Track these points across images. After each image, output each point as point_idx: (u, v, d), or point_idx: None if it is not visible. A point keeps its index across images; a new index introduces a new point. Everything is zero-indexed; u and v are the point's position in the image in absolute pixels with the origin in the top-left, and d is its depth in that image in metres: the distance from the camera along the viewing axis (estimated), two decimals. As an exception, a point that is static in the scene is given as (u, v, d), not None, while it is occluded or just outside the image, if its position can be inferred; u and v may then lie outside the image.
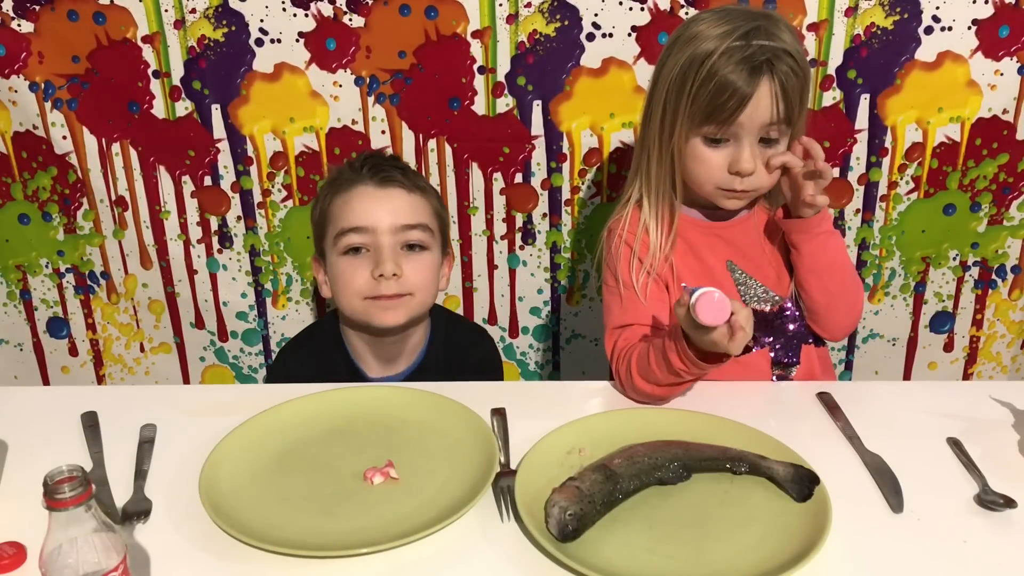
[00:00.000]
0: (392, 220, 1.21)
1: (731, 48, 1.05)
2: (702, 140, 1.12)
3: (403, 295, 1.22)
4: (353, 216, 1.22)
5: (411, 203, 1.24)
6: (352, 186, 1.24)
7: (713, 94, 1.07)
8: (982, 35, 1.43)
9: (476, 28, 1.46)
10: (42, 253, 1.70)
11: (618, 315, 1.19)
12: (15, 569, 0.79)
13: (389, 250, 1.20)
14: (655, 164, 1.17)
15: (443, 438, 0.99)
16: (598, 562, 0.77)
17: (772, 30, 1.07)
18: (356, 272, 1.22)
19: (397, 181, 1.24)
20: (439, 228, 1.29)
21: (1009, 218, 1.58)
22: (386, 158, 1.33)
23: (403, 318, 1.23)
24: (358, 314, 1.24)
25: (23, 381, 1.82)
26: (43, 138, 1.58)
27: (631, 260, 1.19)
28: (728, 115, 1.07)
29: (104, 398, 1.11)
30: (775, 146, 1.12)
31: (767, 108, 1.07)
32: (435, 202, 1.29)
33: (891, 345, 1.70)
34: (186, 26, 1.49)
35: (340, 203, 1.24)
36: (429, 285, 1.26)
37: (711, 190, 1.15)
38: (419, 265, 1.24)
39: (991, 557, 0.80)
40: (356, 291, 1.22)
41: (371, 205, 1.22)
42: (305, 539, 0.82)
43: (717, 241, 1.21)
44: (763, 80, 1.05)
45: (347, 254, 1.22)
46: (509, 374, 1.75)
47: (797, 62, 1.07)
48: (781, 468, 0.89)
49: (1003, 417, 1.03)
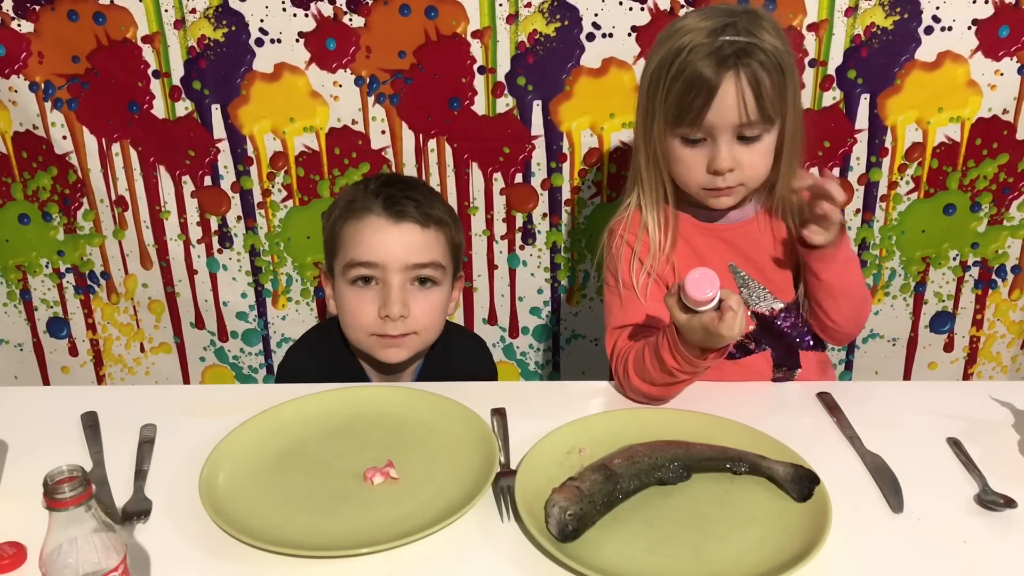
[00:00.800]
0: (403, 258, 1.19)
1: (699, 45, 1.04)
2: (679, 141, 1.11)
3: (408, 334, 1.21)
4: (363, 250, 1.19)
5: (424, 240, 1.21)
6: (365, 215, 1.20)
7: (681, 92, 1.06)
8: (982, 35, 1.43)
9: (476, 28, 1.46)
10: (42, 253, 1.70)
11: (618, 315, 1.19)
12: (15, 569, 0.79)
13: (398, 289, 1.18)
14: (644, 166, 1.17)
15: (443, 438, 0.99)
16: (598, 562, 0.77)
17: (748, 26, 1.05)
18: (364, 307, 1.20)
19: (411, 216, 1.19)
20: (452, 258, 1.26)
21: (1009, 218, 1.58)
22: (402, 187, 1.25)
23: (406, 355, 1.23)
24: (362, 346, 1.24)
25: (23, 381, 1.82)
26: (43, 138, 1.58)
27: (631, 261, 1.19)
28: (696, 114, 1.06)
29: (104, 398, 1.10)
30: (757, 142, 1.10)
31: (734, 105, 1.05)
32: (450, 232, 1.26)
33: (891, 345, 1.70)
34: (186, 26, 1.49)
35: (352, 231, 1.21)
36: (436, 322, 1.25)
37: (696, 191, 1.14)
38: (427, 303, 1.22)
39: (991, 557, 0.80)
40: (362, 326, 1.21)
41: (383, 240, 1.19)
42: (305, 539, 0.82)
43: (719, 243, 1.21)
44: (728, 75, 1.04)
45: (355, 284, 1.21)
46: (509, 374, 1.75)
47: (771, 57, 1.04)
48: (781, 468, 0.89)
49: (1003, 417, 1.03)
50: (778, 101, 1.07)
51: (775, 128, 1.10)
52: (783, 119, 1.10)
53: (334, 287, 1.27)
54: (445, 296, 1.26)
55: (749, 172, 1.11)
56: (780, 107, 1.08)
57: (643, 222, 1.19)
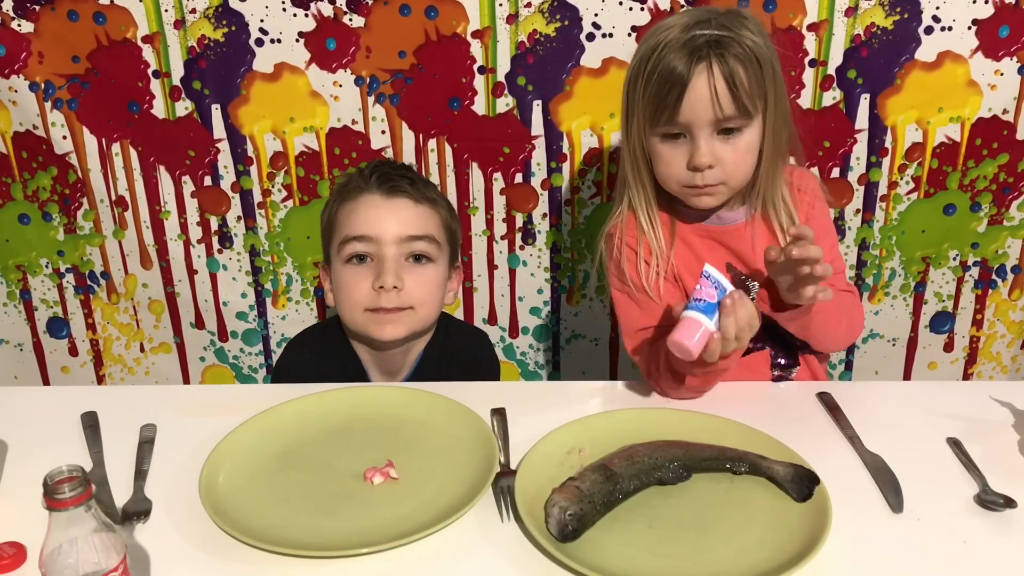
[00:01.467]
0: (397, 230, 1.20)
1: (673, 39, 1.04)
2: (659, 139, 1.11)
3: (403, 308, 1.21)
4: (358, 225, 1.21)
5: (418, 214, 1.23)
6: (359, 194, 1.23)
7: (656, 87, 1.06)
8: (982, 35, 1.43)
9: (476, 28, 1.46)
10: (42, 253, 1.70)
11: (636, 318, 1.19)
12: (15, 569, 0.79)
13: (392, 261, 1.19)
14: (629, 168, 1.17)
15: (443, 438, 0.99)
16: (598, 562, 0.77)
17: (725, 22, 1.04)
18: (358, 282, 1.21)
19: (405, 191, 1.22)
20: (448, 240, 1.27)
21: (1009, 218, 1.58)
22: (396, 167, 1.30)
23: (403, 332, 1.22)
24: (358, 326, 1.23)
25: (23, 381, 1.82)
26: (43, 138, 1.58)
27: (637, 263, 1.18)
28: (671, 108, 1.05)
29: (104, 398, 1.10)
30: (736, 137, 1.08)
31: (706, 99, 1.04)
32: (445, 214, 1.27)
33: (891, 345, 1.70)
34: (186, 26, 1.49)
35: (347, 211, 1.23)
36: (432, 299, 1.24)
37: (678, 189, 1.13)
38: (422, 278, 1.22)
39: (991, 557, 0.80)
40: (357, 301, 1.21)
41: (377, 214, 1.21)
42: (305, 539, 0.82)
43: (714, 244, 1.20)
44: (700, 67, 1.03)
45: (351, 262, 1.22)
46: (509, 374, 1.75)
47: (747, 49, 1.04)
48: (781, 468, 0.89)
49: (1003, 417, 1.02)
50: (756, 94, 1.06)
51: (755, 124, 1.09)
52: (764, 115, 1.08)
53: (331, 273, 1.27)
54: (441, 274, 1.26)
55: (730, 169, 1.10)
56: (758, 101, 1.07)
57: (638, 224, 1.19)
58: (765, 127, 1.10)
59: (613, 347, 1.73)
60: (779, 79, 1.09)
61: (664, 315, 1.16)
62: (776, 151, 1.13)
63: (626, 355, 1.72)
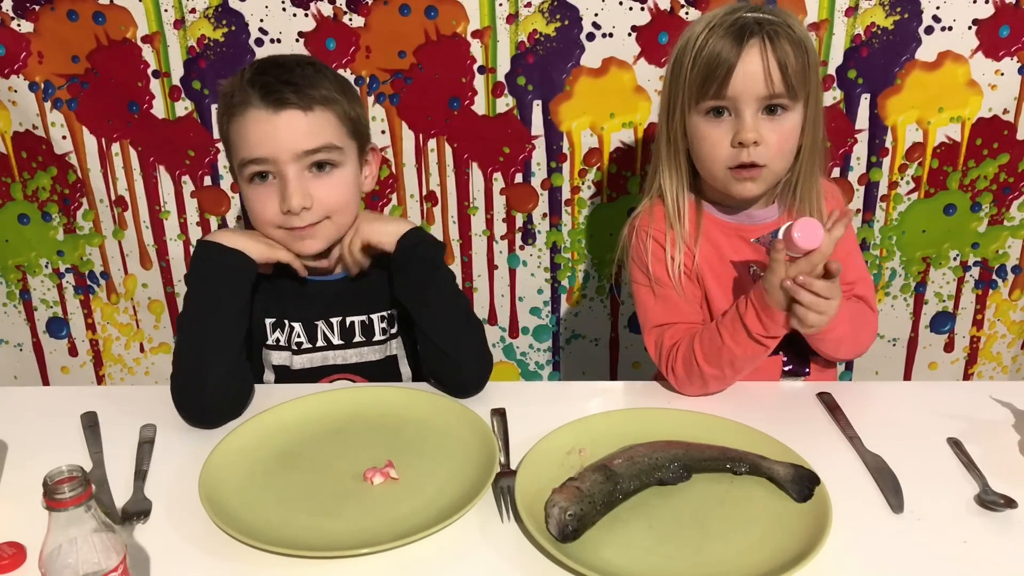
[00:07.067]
0: (292, 147, 1.10)
1: (721, 22, 1.07)
2: (703, 118, 1.11)
3: (318, 222, 1.14)
4: (250, 147, 1.11)
5: (310, 124, 1.11)
6: (246, 109, 1.11)
7: (705, 63, 1.07)
8: (982, 35, 1.43)
9: (476, 28, 1.46)
10: (42, 253, 1.70)
11: (659, 313, 1.18)
12: (15, 569, 0.79)
13: (294, 181, 1.11)
14: (666, 155, 1.17)
15: (443, 438, 0.99)
16: (598, 562, 0.77)
17: (773, 12, 1.07)
18: (265, 203, 1.14)
19: (291, 103, 1.10)
20: (351, 133, 1.17)
21: (1009, 218, 1.58)
22: (280, 71, 1.14)
23: (322, 245, 1.17)
24: (277, 241, 1.17)
25: (23, 381, 1.82)
26: (43, 138, 1.58)
27: (664, 258, 1.18)
28: (719, 84, 1.06)
29: (104, 398, 1.11)
30: (782, 117, 1.09)
31: (758, 73, 1.05)
32: (341, 108, 1.15)
33: (891, 345, 1.70)
34: (186, 26, 1.49)
35: (236, 129, 1.13)
36: (347, 203, 1.17)
37: (721, 173, 1.12)
38: (330, 187, 1.14)
39: (991, 557, 0.80)
40: (268, 221, 1.15)
41: (266, 133, 1.10)
42: (305, 539, 0.82)
43: (741, 245, 1.19)
44: (751, 43, 1.05)
45: (253, 181, 1.14)
46: (509, 374, 1.75)
47: (796, 34, 1.06)
48: (781, 468, 0.89)
49: (1003, 417, 1.02)
50: (802, 80, 1.07)
51: (798, 110, 1.09)
52: (806, 103, 1.10)
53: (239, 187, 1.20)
54: (350, 175, 1.17)
55: (774, 150, 1.09)
56: (804, 85, 1.08)
57: (667, 217, 1.18)
58: (806, 119, 1.11)
59: (613, 347, 1.73)
60: (819, 79, 1.11)
61: (685, 313, 1.16)
62: (814, 148, 1.14)
63: (626, 355, 1.73)
